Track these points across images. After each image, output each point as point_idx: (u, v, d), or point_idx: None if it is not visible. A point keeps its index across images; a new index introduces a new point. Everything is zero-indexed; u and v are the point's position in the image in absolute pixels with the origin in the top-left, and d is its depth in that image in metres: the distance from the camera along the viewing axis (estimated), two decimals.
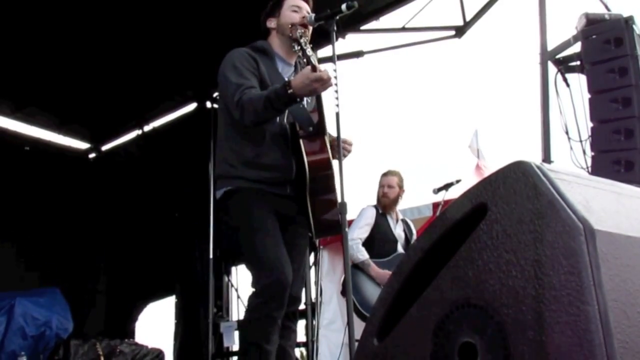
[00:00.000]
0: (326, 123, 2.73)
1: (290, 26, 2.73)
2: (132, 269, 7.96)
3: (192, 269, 7.15)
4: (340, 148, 2.66)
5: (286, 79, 2.67)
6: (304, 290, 4.95)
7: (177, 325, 7.49)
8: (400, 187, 4.85)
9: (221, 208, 2.78)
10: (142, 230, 7.84)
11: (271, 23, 2.88)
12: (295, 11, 2.81)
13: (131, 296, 7.96)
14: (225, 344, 6.78)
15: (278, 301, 2.55)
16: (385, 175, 4.84)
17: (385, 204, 4.80)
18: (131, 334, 7.73)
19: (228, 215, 2.75)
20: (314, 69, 2.46)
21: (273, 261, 2.58)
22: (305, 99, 2.77)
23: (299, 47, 2.54)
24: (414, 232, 4.99)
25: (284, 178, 2.70)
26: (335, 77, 2.67)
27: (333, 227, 2.70)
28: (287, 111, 2.72)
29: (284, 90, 2.49)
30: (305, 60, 2.57)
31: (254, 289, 2.65)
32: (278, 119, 2.71)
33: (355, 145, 2.92)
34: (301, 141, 2.67)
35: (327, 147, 2.68)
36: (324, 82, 2.48)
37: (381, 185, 4.83)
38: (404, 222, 4.95)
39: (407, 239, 4.87)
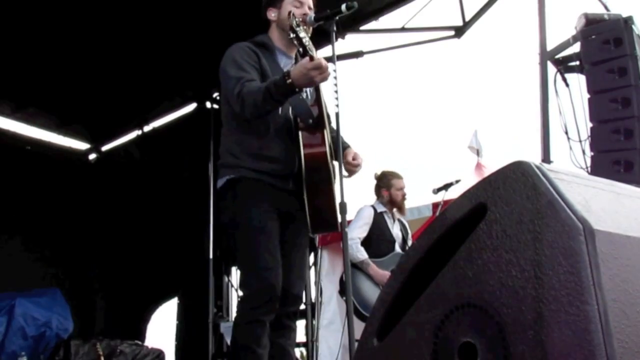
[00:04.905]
0: (326, 116, 2.72)
1: (287, 16, 2.66)
2: (134, 269, 7.95)
3: (194, 269, 7.14)
4: (340, 148, 2.67)
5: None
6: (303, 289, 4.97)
7: (179, 325, 7.49)
8: None
9: (222, 197, 2.76)
10: (142, 230, 7.84)
11: (271, 14, 2.86)
12: (297, 7, 2.79)
13: (134, 297, 7.94)
14: (227, 344, 6.78)
15: (267, 307, 2.56)
16: (398, 178, 4.90)
17: (402, 207, 4.87)
18: (142, 336, 7.70)
19: (227, 208, 2.73)
20: (312, 58, 2.45)
21: (266, 267, 2.57)
22: (306, 92, 2.78)
23: (294, 36, 2.49)
24: (410, 232, 5.02)
25: (287, 171, 2.69)
26: (335, 78, 2.67)
27: (329, 224, 2.68)
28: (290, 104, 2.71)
29: (283, 81, 2.48)
30: (302, 49, 2.54)
31: (242, 293, 2.65)
32: (282, 110, 2.70)
33: (363, 160, 2.92)
34: (300, 133, 2.67)
35: (326, 140, 2.68)
36: (322, 71, 2.47)
37: (399, 188, 4.88)
38: (400, 222, 4.97)
39: (404, 239, 4.89)
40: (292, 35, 2.49)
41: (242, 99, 2.57)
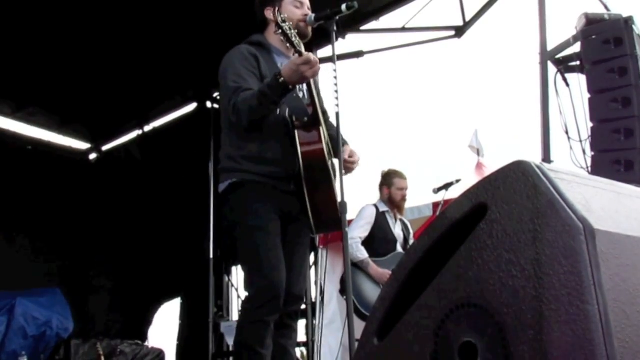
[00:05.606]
0: (320, 113, 2.72)
1: (273, 9, 2.67)
2: (135, 269, 7.95)
3: (194, 269, 7.15)
4: (340, 149, 2.67)
5: None
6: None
7: (181, 325, 7.48)
8: None
9: (224, 201, 2.76)
10: (142, 230, 7.83)
11: (270, 14, 2.82)
12: (297, 7, 2.79)
13: (135, 297, 7.94)
14: (228, 344, 6.78)
15: (271, 306, 2.56)
16: (401, 177, 4.90)
17: (401, 207, 4.86)
18: (144, 336, 7.70)
19: (230, 210, 2.73)
20: (300, 54, 2.48)
21: (270, 265, 2.57)
22: (302, 90, 2.78)
23: (281, 32, 2.49)
24: (411, 231, 5.02)
25: (287, 172, 2.68)
26: (336, 77, 2.67)
27: (333, 223, 2.68)
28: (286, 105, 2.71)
29: (276, 81, 2.50)
30: (289, 44, 2.54)
31: (247, 293, 2.65)
32: (279, 112, 2.69)
33: (360, 158, 2.92)
34: (296, 132, 2.66)
35: (322, 137, 2.67)
36: (312, 65, 2.49)
37: (400, 188, 4.88)
38: (402, 221, 4.97)
39: (406, 239, 4.89)
40: (278, 31, 2.51)
41: (237, 108, 2.58)
